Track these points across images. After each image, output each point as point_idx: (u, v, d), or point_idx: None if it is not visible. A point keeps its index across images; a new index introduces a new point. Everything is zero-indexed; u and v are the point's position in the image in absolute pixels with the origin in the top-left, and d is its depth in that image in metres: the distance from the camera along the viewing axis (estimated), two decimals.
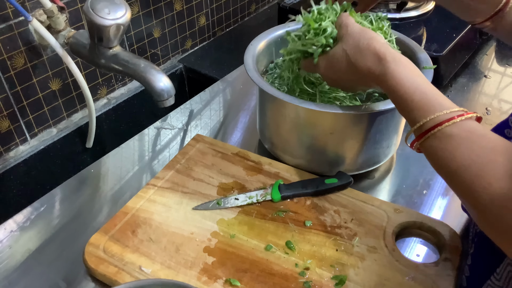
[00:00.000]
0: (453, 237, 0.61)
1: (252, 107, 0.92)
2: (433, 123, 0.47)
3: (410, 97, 0.50)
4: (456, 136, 0.45)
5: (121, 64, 0.63)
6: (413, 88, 0.50)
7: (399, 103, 0.52)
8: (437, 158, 0.47)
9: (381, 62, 0.54)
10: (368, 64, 0.55)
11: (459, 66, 0.99)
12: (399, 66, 0.53)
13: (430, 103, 0.48)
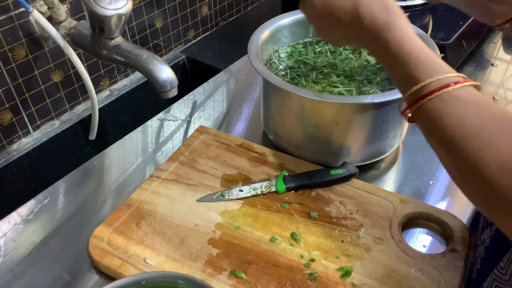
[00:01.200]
0: (461, 228, 0.60)
1: (256, 97, 0.91)
2: (439, 84, 0.43)
3: (416, 53, 0.46)
4: (464, 99, 0.41)
5: (123, 55, 0.63)
6: (420, 45, 0.47)
7: (400, 59, 0.47)
8: (441, 123, 0.42)
9: (388, 11, 0.49)
10: (373, 10, 0.50)
11: (466, 54, 0.97)
12: (405, 21, 0.49)
13: (437, 64, 0.45)
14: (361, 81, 0.71)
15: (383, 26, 0.49)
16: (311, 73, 0.73)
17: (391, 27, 0.48)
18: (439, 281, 0.54)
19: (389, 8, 0.50)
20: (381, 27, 0.49)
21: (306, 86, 0.70)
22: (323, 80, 0.71)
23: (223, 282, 0.55)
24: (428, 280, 0.54)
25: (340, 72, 0.73)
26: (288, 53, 0.79)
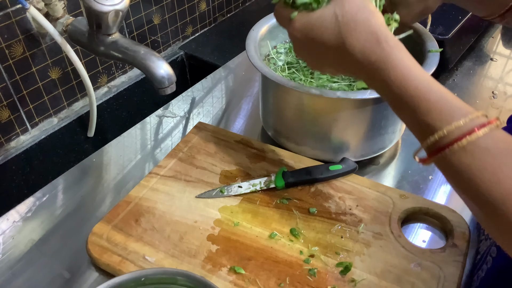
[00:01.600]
0: (460, 223, 0.60)
1: (254, 93, 0.91)
2: (460, 132, 0.36)
3: (425, 94, 0.39)
4: (494, 149, 0.35)
5: (121, 51, 0.62)
6: (426, 82, 0.39)
7: (407, 102, 0.40)
8: (471, 179, 0.36)
9: (380, 44, 0.42)
10: (362, 44, 0.42)
11: (465, 49, 0.97)
12: (402, 52, 0.41)
13: (452, 104, 0.38)
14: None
15: (379, 64, 0.42)
16: (309, 68, 0.73)
17: (388, 64, 0.41)
18: (439, 276, 0.54)
19: (381, 39, 0.42)
20: (376, 65, 0.42)
21: (305, 82, 0.70)
22: (322, 75, 0.71)
23: (223, 278, 0.55)
24: (428, 275, 0.54)
25: None
26: (287, 49, 0.78)
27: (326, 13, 0.45)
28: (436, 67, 0.65)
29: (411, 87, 0.40)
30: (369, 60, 0.43)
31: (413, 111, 0.40)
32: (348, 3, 0.44)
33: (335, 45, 0.44)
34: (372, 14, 0.44)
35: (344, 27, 0.44)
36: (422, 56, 0.68)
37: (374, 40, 0.42)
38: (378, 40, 0.42)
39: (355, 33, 0.43)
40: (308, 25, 0.46)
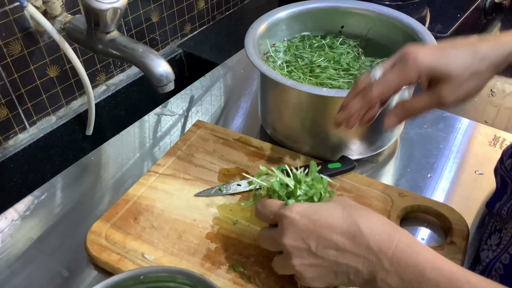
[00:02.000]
0: (459, 221, 0.60)
1: (253, 92, 0.91)
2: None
3: (464, 277, 0.40)
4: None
5: (119, 49, 0.62)
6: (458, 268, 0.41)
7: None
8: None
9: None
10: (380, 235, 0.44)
11: None
12: (423, 251, 0.43)
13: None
14: (358, 74, 0.71)
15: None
16: (308, 67, 0.73)
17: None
18: None
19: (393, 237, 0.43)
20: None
21: (304, 80, 0.70)
22: (321, 74, 0.71)
23: (222, 276, 0.55)
24: None
25: (338, 66, 0.73)
26: (285, 47, 0.78)
27: (328, 203, 0.48)
28: None
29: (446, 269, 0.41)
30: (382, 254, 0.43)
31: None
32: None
33: (346, 228, 0.45)
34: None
35: (355, 213, 0.46)
36: None
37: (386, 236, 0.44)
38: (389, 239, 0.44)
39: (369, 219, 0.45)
40: (311, 208, 0.47)
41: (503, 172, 0.53)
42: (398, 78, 0.50)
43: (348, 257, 0.44)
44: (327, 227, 0.45)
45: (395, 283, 0.42)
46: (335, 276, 0.46)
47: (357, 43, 0.78)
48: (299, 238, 0.46)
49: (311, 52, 0.77)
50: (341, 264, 0.45)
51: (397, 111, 0.52)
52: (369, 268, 0.43)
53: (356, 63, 0.74)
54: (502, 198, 0.53)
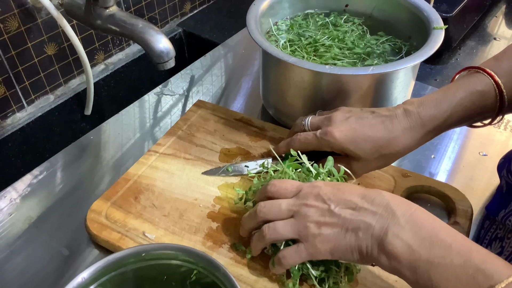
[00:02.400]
0: (463, 201, 0.59)
1: (254, 72, 0.89)
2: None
3: (476, 247, 0.40)
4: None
5: (118, 24, 0.61)
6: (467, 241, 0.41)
7: (457, 253, 0.40)
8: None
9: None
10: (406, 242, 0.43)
11: (469, 28, 0.96)
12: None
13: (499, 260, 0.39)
14: (363, 53, 0.70)
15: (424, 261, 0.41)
16: (312, 46, 0.71)
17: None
18: None
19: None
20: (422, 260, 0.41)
21: (308, 60, 0.69)
22: (325, 53, 0.70)
23: (223, 255, 0.54)
24: None
25: (342, 44, 0.71)
26: (288, 25, 0.77)
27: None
28: (440, 44, 0.64)
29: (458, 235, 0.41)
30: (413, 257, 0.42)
31: (464, 263, 0.39)
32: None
33: (367, 193, 0.47)
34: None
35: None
36: (426, 33, 0.67)
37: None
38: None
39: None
40: (335, 182, 0.51)
41: (509, 180, 0.52)
42: (315, 143, 0.58)
43: (363, 214, 0.45)
44: (348, 192, 0.47)
45: (408, 238, 0.42)
46: (344, 236, 0.45)
47: (361, 21, 0.77)
48: (321, 199, 0.48)
49: (315, 30, 0.75)
50: (354, 221, 0.45)
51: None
52: (382, 224, 0.43)
53: (361, 41, 0.72)
54: (508, 207, 0.52)
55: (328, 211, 0.47)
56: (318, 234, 0.46)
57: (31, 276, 0.55)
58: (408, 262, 0.41)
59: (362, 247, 0.44)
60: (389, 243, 0.42)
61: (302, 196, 0.49)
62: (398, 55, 0.71)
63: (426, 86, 0.83)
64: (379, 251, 0.43)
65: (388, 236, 0.42)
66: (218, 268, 0.44)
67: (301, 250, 0.47)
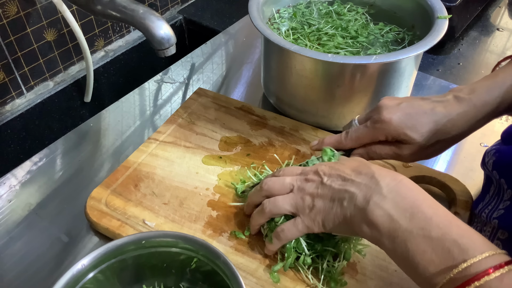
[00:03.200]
0: (463, 192, 0.59)
1: (255, 60, 0.89)
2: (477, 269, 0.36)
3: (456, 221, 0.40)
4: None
5: (119, 10, 0.60)
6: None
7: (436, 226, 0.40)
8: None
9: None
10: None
11: (472, 18, 0.95)
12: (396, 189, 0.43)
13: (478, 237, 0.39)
14: (366, 42, 0.69)
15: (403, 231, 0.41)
16: (315, 34, 0.70)
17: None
18: None
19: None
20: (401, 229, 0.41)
21: (311, 48, 0.68)
22: (328, 41, 0.69)
23: (223, 243, 0.54)
24: None
25: (346, 33, 0.71)
26: (290, 13, 0.76)
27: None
28: (444, 33, 0.63)
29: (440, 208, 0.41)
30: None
31: (442, 235, 0.39)
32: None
33: (357, 167, 0.48)
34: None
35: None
36: (429, 22, 0.66)
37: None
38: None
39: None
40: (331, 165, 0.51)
41: (486, 171, 0.52)
42: (368, 135, 0.55)
43: (349, 185, 0.46)
44: (342, 166, 0.49)
45: (389, 207, 0.42)
46: (331, 206, 0.47)
47: (365, 10, 0.76)
48: (318, 174, 0.49)
49: (318, 19, 0.74)
50: (341, 191, 0.46)
51: (362, 152, 0.57)
52: (365, 193, 0.44)
53: (365, 30, 0.71)
54: (485, 199, 0.52)
55: (321, 183, 0.48)
56: (312, 206, 0.48)
57: (31, 262, 0.55)
58: (387, 231, 0.42)
59: (346, 216, 0.45)
60: (370, 212, 0.43)
61: (304, 173, 0.51)
62: (401, 44, 0.70)
63: (428, 76, 0.82)
64: (361, 220, 0.44)
65: (370, 205, 0.43)
66: (218, 256, 0.44)
67: (298, 223, 0.49)
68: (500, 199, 0.49)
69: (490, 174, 0.50)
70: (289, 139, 0.68)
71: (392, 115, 0.52)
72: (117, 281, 0.47)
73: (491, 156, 0.50)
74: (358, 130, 0.56)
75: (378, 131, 0.54)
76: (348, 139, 0.56)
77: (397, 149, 0.55)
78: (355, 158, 0.52)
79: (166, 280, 0.48)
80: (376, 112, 0.54)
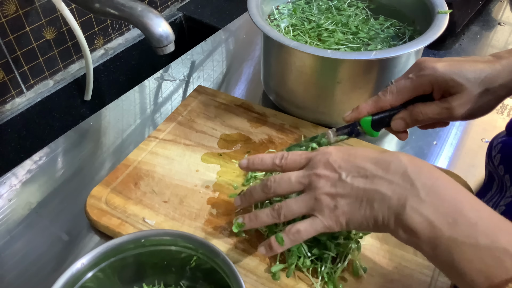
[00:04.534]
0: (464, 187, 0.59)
1: (256, 57, 0.88)
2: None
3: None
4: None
5: (117, 8, 0.59)
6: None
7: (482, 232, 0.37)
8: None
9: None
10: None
11: (473, 12, 0.94)
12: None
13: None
14: (367, 38, 0.69)
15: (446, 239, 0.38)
16: (315, 30, 0.70)
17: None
18: None
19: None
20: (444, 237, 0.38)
21: (311, 44, 0.68)
22: (329, 37, 0.69)
23: (223, 241, 0.54)
24: None
25: (346, 29, 0.70)
26: (290, 9, 0.75)
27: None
28: (444, 28, 0.63)
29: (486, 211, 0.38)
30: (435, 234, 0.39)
31: (490, 243, 0.36)
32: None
33: (381, 157, 0.43)
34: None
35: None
36: (430, 17, 0.66)
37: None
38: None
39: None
40: (348, 147, 0.47)
41: (491, 168, 0.51)
42: (411, 86, 0.50)
43: (377, 183, 0.41)
44: (362, 157, 0.44)
45: (429, 213, 0.38)
46: (358, 207, 0.42)
47: (365, 5, 0.76)
48: (331, 167, 0.44)
49: (318, 15, 0.74)
50: (368, 190, 0.42)
51: (405, 116, 0.52)
52: (399, 195, 0.40)
53: (365, 26, 0.71)
54: (486, 196, 0.51)
55: (339, 180, 0.43)
56: (333, 206, 0.43)
57: (32, 261, 0.55)
58: (427, 238, 0.38)
59: (378, 218, 0.41)
60: (408, 217, 0.39)
61: (312, 165, 0.46)
62: (401, 39, 0.70)
63: None
64: (396, 224, 0.40)
65: (406, 209, 0.39)
66: (218, 254, 0.44)
67: (316, 224, 0.44)
68: (502, 195, 0.48)
69: (495, 170, 0.50)
70: (289, 136, 0.67)
71: (436, 64, 0.49)
72: (117, 280, 0.47)
73: (498, 150, 0.49)
74: (400, 83, 0.50)
75: (423, 79, 0.49)
76: (388, 94, 0.51)
77: (445, 104, 0.50)
78: (367, 148, 0.47)
79: (166, 278, 0.49)
80: (416, 66, 0.51)
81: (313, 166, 0.46)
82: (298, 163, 0.48)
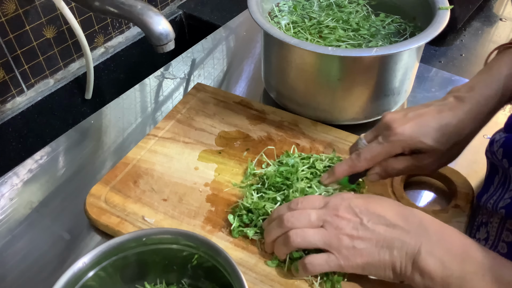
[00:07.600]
0: (464, 184, 0.59)
1: (256, 55, 0.88)
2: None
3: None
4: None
5: (116, 6, 0.59)
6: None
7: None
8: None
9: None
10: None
11: (474, 8, 0.94)
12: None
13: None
14: (368, 34, 0.68)
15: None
16: (316, 27, 0.70)
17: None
18: None
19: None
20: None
21: (312, 41, 0.68)
22: (329, 34, 0.68)
23: (223, 239, 0.54)
24: None
25: (347, 26, 0.70)
26: (290, 6, 0.75)
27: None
28: (445, 24, 0.62)
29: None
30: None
31: (496, 279, 0.41)
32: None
33: (398, 210, 0.47)
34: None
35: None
36: (430, 13, 0.65)
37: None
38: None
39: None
40: (364, 195, 0.51)
41: (495, 161, 0.51)
42: (383, 151, 0.52)
43: (397, 232, 0.45)
44: (380, 207, 0.47)
45: (441, 254, 0.43)
46: (378, 252, 0.45)
47: (366, 1, 0.75)
48: (353, 212, 0.47)
49: (319, 12, 0.74)
50: (389, 238, 0.45)
51: (379, 171, 0.54)
52: (416, 242, 0.44)
53: (366, 22, 0.71)
54: (489, 190, 0.52)
55: (361, 224, 0.46)
56: (352, 247, 0.46)
57: (33, 261, 0.55)
58: (441, 279, 0.42)
59: (396, 264, 0.45)
60: (423, 260, 0.43)
61: (332, 207, 0.48)
62: (402, 36, 0.69)
63: (431, 68, 0.81)
64: (413, 269, 0.44)
65: (421, 253, 0.43)
66: (219, 252, 0.43)
67: (331, 261, 0.46)
68: (506, 188, 0.48)
69: (499, 163, 0.50)
70: (288, 133, 0.67)
71: (403, 126, 0.51)
72: (119, 278, 0.47)
73: (500, 145, 0.49)
74: (371, 148, 0.53)
75: (393, 144, 0.52)
76: (362, 160, 0.53)
77: (415, 161, 0.53)
78: (383, 198, 0.50)
79: (168, 277, 0.49)
80: (385, 127, 0.53)
81: (333, 208, 0.48)
82: (317, 204, 0.50)
